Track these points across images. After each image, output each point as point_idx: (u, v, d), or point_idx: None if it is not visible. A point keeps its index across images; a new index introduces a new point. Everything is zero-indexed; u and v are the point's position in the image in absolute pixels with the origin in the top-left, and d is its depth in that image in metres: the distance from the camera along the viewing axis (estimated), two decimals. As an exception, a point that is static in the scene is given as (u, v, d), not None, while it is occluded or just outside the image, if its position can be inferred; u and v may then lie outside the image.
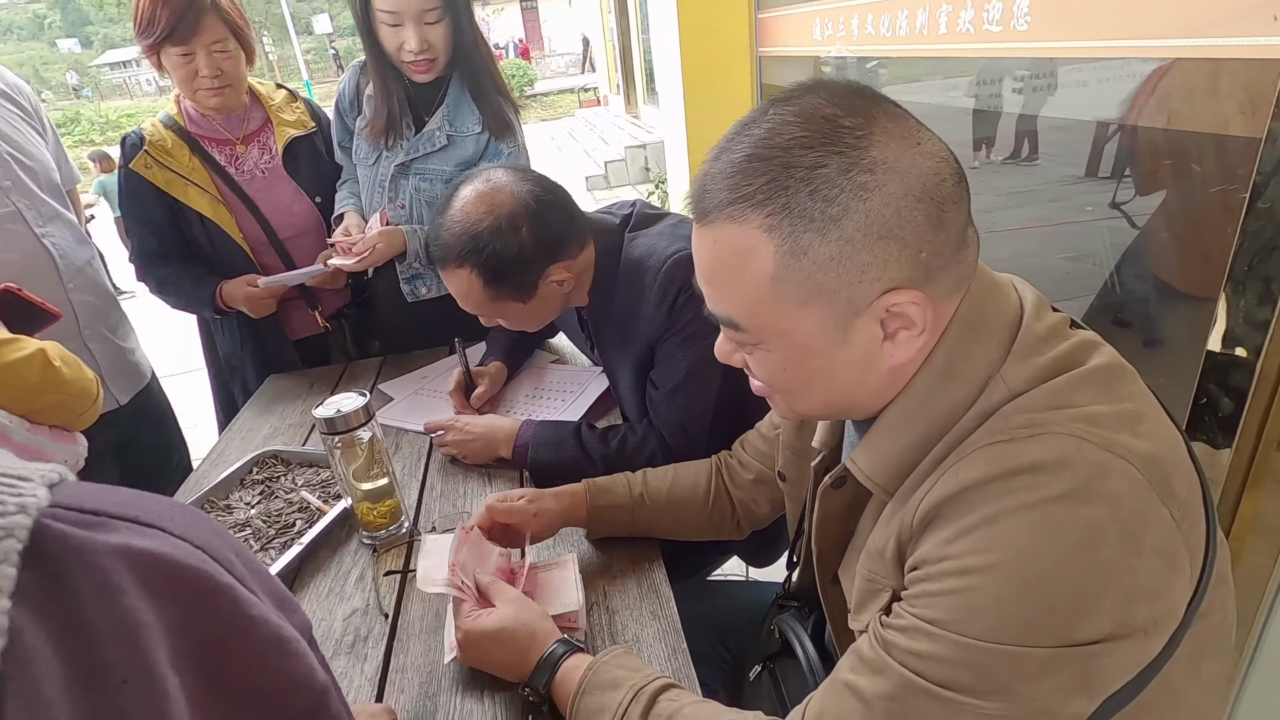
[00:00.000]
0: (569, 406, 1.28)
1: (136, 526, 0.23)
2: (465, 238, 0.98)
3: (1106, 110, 1.46)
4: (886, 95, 0.53)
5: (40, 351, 0.91)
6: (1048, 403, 0.50)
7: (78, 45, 45.92)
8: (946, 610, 0.48)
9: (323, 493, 1.11)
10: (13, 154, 1.30)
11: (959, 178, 0.52)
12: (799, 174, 0.49)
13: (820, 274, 0.51)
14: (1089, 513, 0.45)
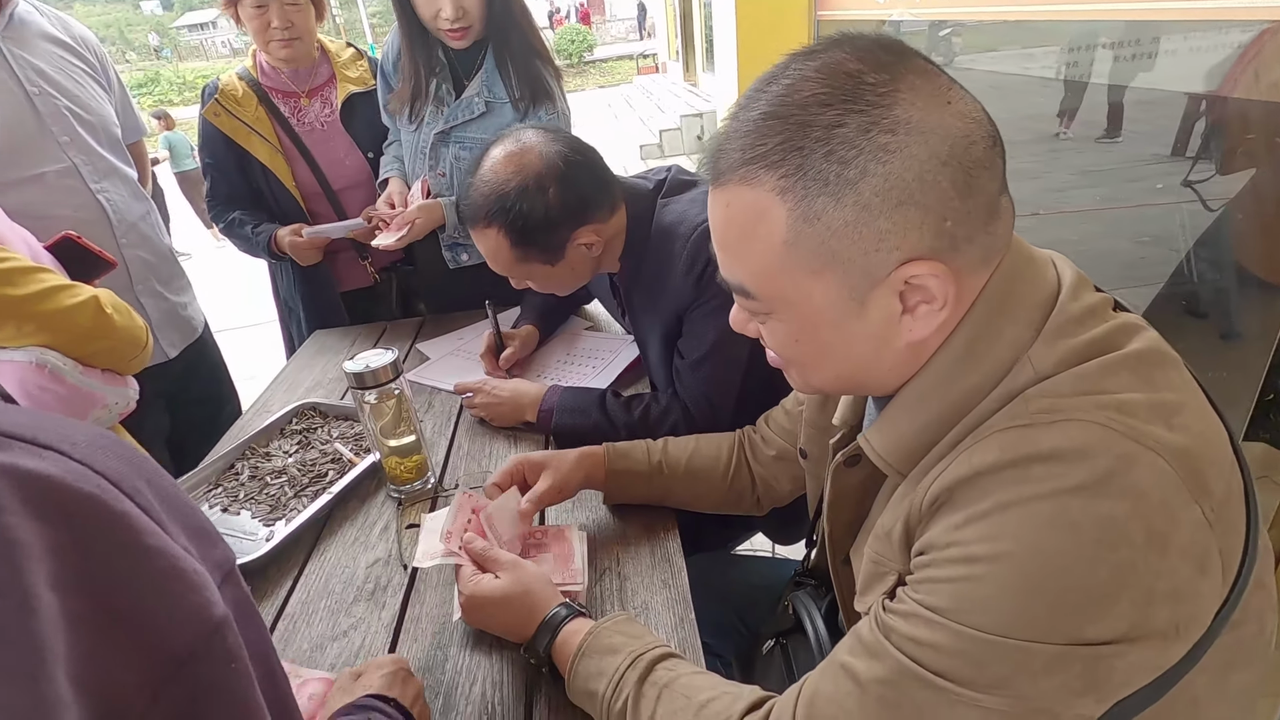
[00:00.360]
0: (598, 374, 1.28)
1: (31, 447, 0.24)
2: (493, 198, 0.98)
3: (1199, 81, 1.35)
4: (917, 51, 0.49)
5: (94, 298, 0.96)
6: (1075, 387, 0.47)
7: (159, 7, 47.63)
8: (949, 598, 0.46)
9: (355, 445, 1.15)
10: (72, 108, 1.35)
11: (992, 140, 0.48)
12: (815, 134, 0.46)
13: (834, 241, 0.48)
14: (1109, 507, 0.42)
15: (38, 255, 0.98)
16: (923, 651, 0.47)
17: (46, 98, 1.31)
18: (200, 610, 0.26)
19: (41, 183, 1.30)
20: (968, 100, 0.48)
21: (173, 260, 1.59)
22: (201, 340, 1.64)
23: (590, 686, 0.65)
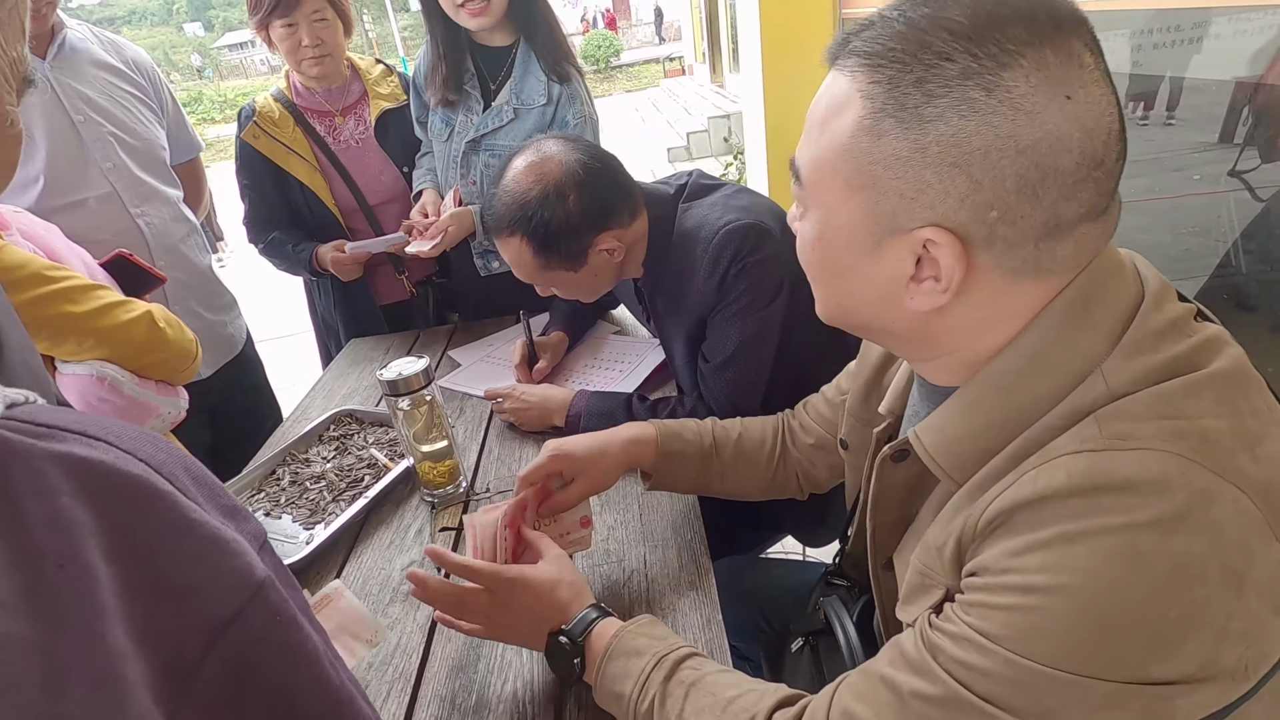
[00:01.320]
0: (625, 378, 1.30)
1: (83, 439, 0.27)
2: (515, 207, 1.00)
3: (1244, 67, 1.31)
4: (1093, 45, 0.44)
5: (148, 313, 1.01)
6: (1153, 410, 0.43)
7: (201, 29, 49.35)
8: (1003, 626, 0.44)
9: (390, 451, 1.18)
10: (117, 134, 1.41)
11: (1092, 166, 0.43)
12: (925, 57, 0.43)
13: (880, 167, 0.46)
14: (1185, 544, 0.40)
15: (94, 272, 1.04)
16: (973, 677, 0.46)
17: (92, 124, 1.37)
18: (243, 573, 0.29)
19: (83, 208, 1.36)
20: (1096, 112, 0.43)
21: (213, 279, 1.64)
22: (242, 355, 1.68)
23: (617, 689, 0.66)
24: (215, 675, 0.28)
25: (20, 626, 0.23)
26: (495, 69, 1.50)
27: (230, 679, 0.28)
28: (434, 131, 1.56)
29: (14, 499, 0.24)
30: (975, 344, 0.51)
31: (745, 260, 0.99)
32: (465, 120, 1.51)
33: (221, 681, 0.28)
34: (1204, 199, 1.63)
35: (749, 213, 1.02)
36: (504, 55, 1.48)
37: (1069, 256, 0.47)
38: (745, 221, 1.00)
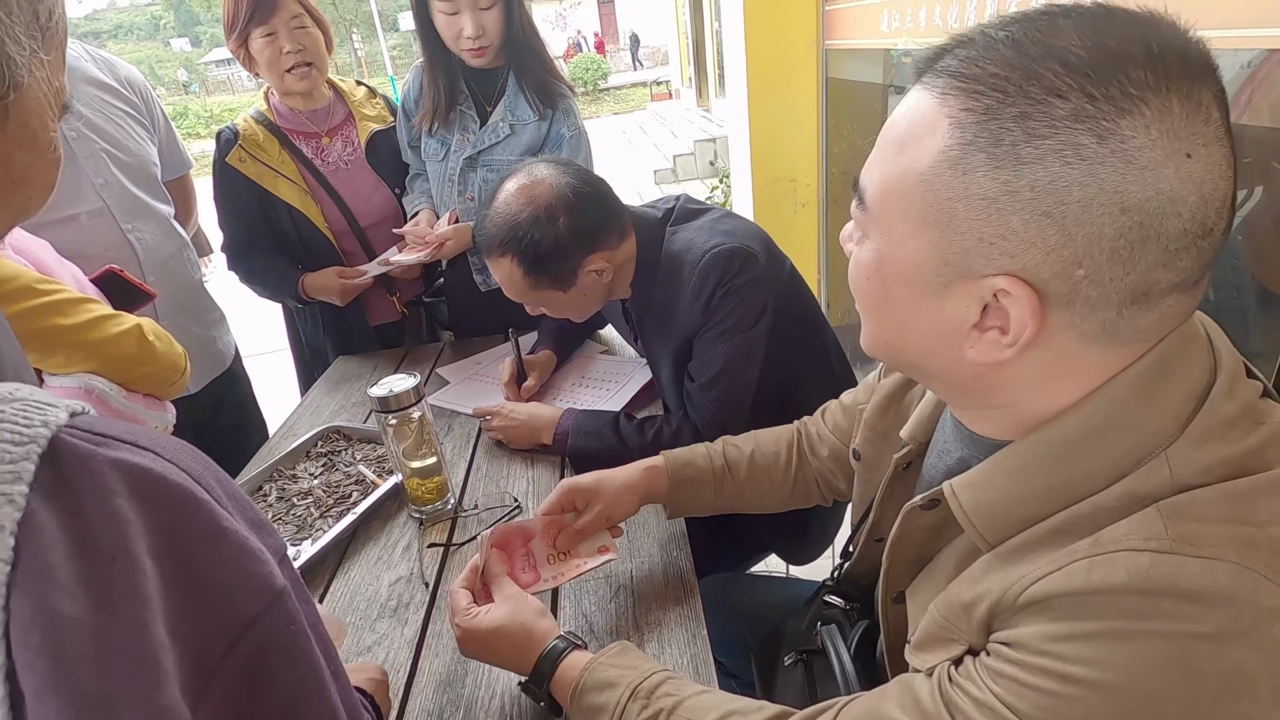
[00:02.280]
0: (612, 396, 1.32)
1: (134, 448, 0.29)
2: (506, 228, 1.03)
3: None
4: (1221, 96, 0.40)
5: (137, 326, 1.02)
6: (1221, 512, 0.41)
7: (188, 44, 49.31)
8: (1034, 707, 0.43)
9: (378, 467, 1.19)
10: (109, 150, 1.40)
11: (1200, 235, 0.40)
12: (1033, 90, 0.39)
13: (961, 205, 0.42)
14: (1239, 658, 0.38)
15: (84, 288, 1.04)
16: None
17: (85, 140, 1.37)
18: (265, 580, 0.31)
19: (75, 223, 1.35)
20: (1216, 175, 0.39)
21: (203, 294, 1.63)
22: (230, 371, 1.67)
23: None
24: (233, 675, 0.30)
25: (79, 610, 0.25)
26: (489, 89, 1.53)
27: (245, 680, 0.30)
28: (428, 153, 1.58)
29: (76, 497, 0.27)
30: (1031, 403, 0.48)
31: (731, 283, 1.02)
32: (462, 139, 1.53)
33: (238, 681, 0.30)
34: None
35: (734, 237, 1.05)
36: (496, 76, 1.52)
37: (1151, 327, 0.43)
38: (731, 245, 1.03)
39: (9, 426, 0.26)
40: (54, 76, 0.33)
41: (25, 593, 0.24)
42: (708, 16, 9.07)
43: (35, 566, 0.25)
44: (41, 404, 0.28)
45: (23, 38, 0.30)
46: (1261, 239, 1.34)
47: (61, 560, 0.25)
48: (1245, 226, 1.38)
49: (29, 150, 0.32)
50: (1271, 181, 1.24)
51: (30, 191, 0.35)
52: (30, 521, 0.25)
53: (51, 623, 0.24)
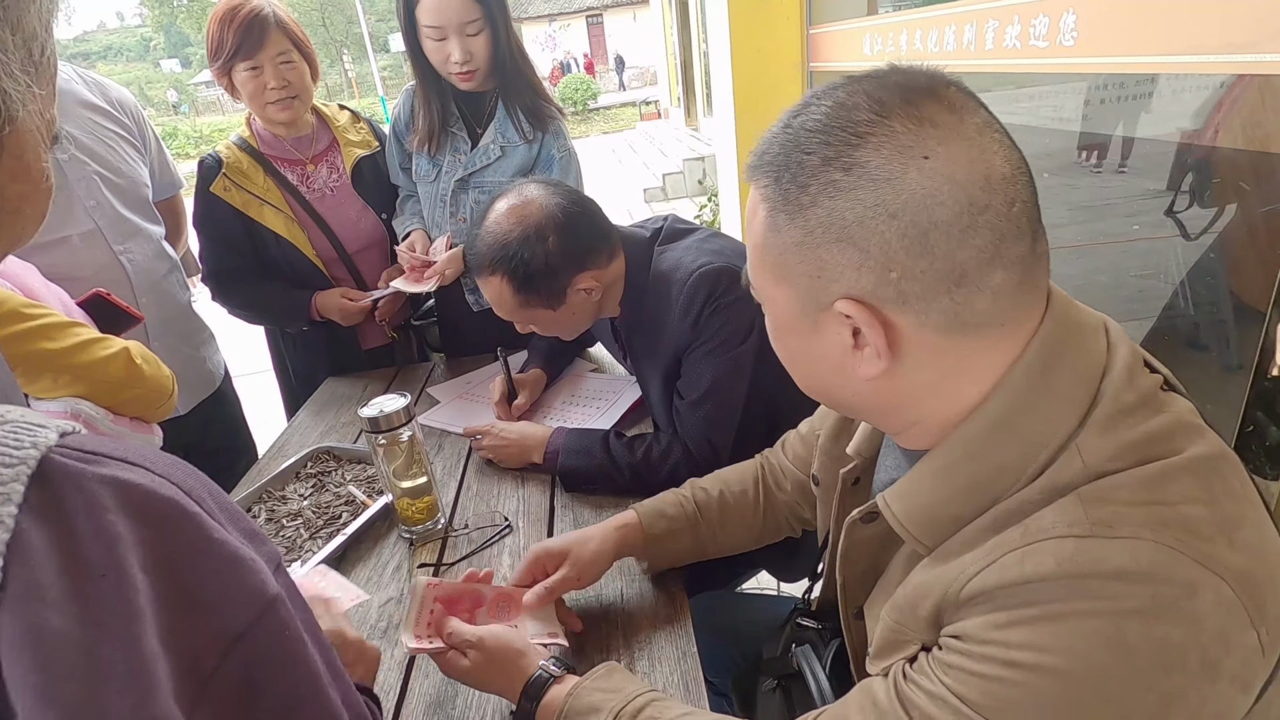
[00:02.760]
0: (602, 415, 1.32)
1: (124, 464, 0.30)
2: (496, 247, 1.04)
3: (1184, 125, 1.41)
4: (956, 105, 0.47)
5: (125, 350, 1.02)
6: (1136, 496, 0.44)
7: (178, 65, 49.38)
8: (983, 695, 0.45)
9: (368, 488, 1.19)
10: (101, 173, 1.40)
11: (975, 212, 0.45)
12: (796, 156, 0.48)
13: (787, 256, 0.51)
14: (1165, 631, 0.41)
15: (70, 311, 1.04)
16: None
17: (77, 163, 1.37)
18: (258, 589, 0.32)
19: (66, 245, 1.35)
20: (965, 162, 0.45)
21: (192, 315, 1.63)
22: (219, 392, 1.66)
23: None
24: (227, 682, 0.30)
25: (68, 625, 0.25)
26: (479, 112, 1.55)
27: (240, 687, 0.31)
28: (420, 173, 1.60)
29: (66, 515, 0.27)
30: (939, 409, 0.52)
31: (719, 301, 1.03)
32: (453, 160, 1.55)
33: (233, 689, 0.30)
34: (1155, 243, 1.73)
35: (722, 256, 1.06)
36: (486, 99, 1.54)
37: (991, 310, 0.48)
38: (718, 265, 1.04)
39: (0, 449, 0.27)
40: (46, 109, 0.34)
41: (14, 612, 0.25)
42: (695, 38, 9.21)
43: (24, 587, 0.25)
44: (31, 425, 0.28)
45: (18, 74, 0.31)
46: (1237, 255, 1.37)
47: (51, 578, 0.26)
48: (1221, 243, 1.42)
49: (23, 181, 0.33)
50: (1244, 200, 1.27)
51: (24, 221, 0.36)
52: (19, 541, 0.26)
53: (41, 639, 0.25)
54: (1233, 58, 0.96)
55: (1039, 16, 1.28)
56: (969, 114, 0.47)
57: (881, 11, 2.27)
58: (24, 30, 0.31)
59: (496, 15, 1.43)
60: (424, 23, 1.41)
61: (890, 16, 1.98)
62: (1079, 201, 2.12)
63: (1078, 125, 1.70)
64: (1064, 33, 1.23)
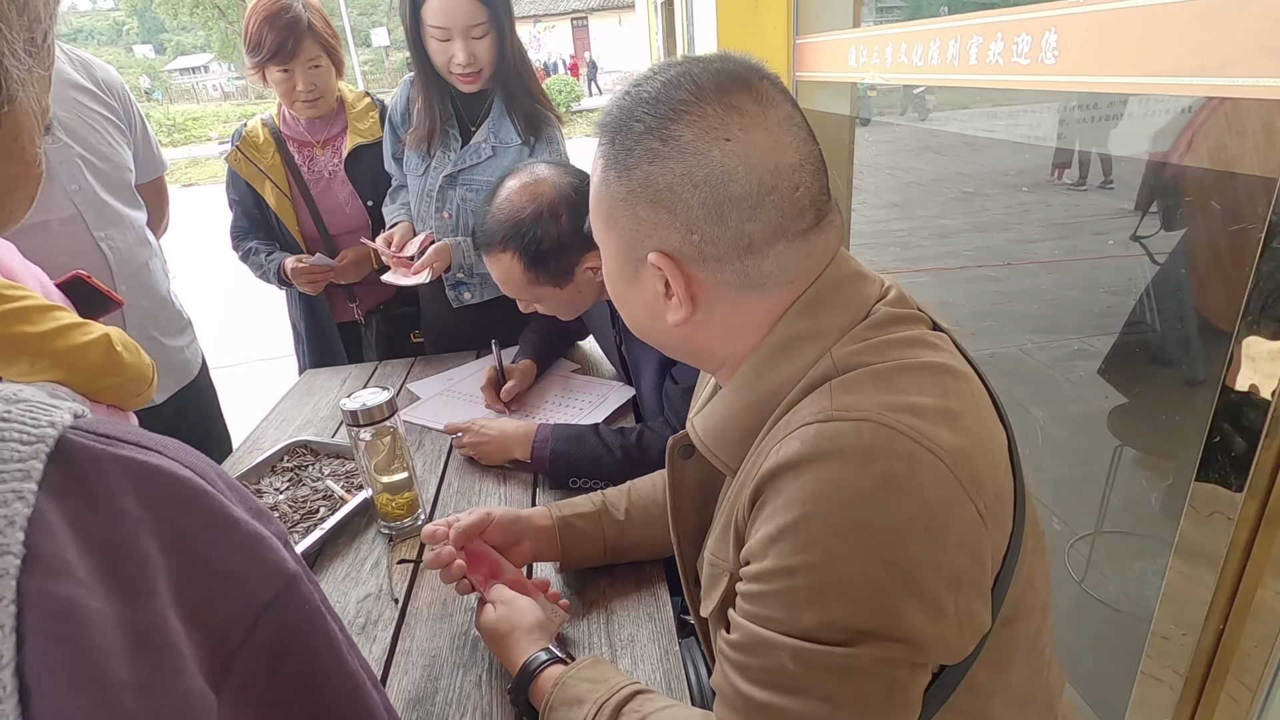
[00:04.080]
0: (587, 414, 1.32)
1: (138, 447, 0.30)
2: (508, 224, 1.05)
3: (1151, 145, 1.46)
4: (763, 97, 0.54)
5: (105, 336, 0.99)
6: (875, 385, 0.51)
7: (152, 51, 48.32)
8: (779, 609, 0.50)
9: (346, 482, 1.17)
10: (85, 156, 1.37)
11: (764, 193, 0.53)
12: (628, 122, 0.55)
13: (615, 208, 0.57)
14: (898, 507, 0.47)
15: (49, 292, 1.01)
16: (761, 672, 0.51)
17: (60, 147, 1.33)
18: (278, 565, 0.32)
19: (45, 229, 1.31)
20: (760, 149, 0.52)
21: (171, 304, 1.60)
22: (195, 383, 1.64)
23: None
24: (252, 657, 0.30)
25: (100, 603, 0.25)
26: (474, 111, 1.55)
27: (265, 661, 0.31)
28: (410, 166, 1.59)
29: (85, 495, 0.27)
30: (738, 348, 0.60)
31: None
32: (443, 156, 1.54)
33: (258, 663, 0.31)
34: (1125, 260, 1.78)
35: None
36: (482, 99, 1.53)
37: (775, 272, 0.55)
38: None
39: (16, 426, 0.26)
40: (43, 95, 0.34)
41: (44, 587, 0.24)
42: (680, 44, 9.26)
43: (52, 562, 0.25)
44: (46, 405, 0.28)
45: (21, 54, 0.30)
46: (1202, 274, 1.41)
47: (75, 557, 0.25)
48: (1187, 261, 1.46)
49: (16, 164, 0.33)
50: (1210, 219, 1.32)
51: (13, 205, 0.36)
52: (41, 518, 0.25)
53: (76, 613, 0.25)
54: (1205, 80, 0.99)
55: (1022, 34, 1.32)
56: (774, 107, 0.54)
57: (865, 24, 2.31)
58: (30, 12, 0.30)
59: (503, 19, 1.43)
60: (430, 23, 1.40)
61: (876, 29, 2.02)
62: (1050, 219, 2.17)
63: (1053, 142, 1.74)
64: (1045, 51, 1.26)
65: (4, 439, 0.26)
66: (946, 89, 1.87)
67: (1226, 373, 0.93)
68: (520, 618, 0.78)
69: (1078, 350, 1.96)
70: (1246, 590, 0.96)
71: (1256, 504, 0.92)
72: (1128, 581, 1.57)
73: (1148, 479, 1.54)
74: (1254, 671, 0.97)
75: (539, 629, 0.77)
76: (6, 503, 0.24)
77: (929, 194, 3.09)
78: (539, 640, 0.76)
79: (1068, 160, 1.94)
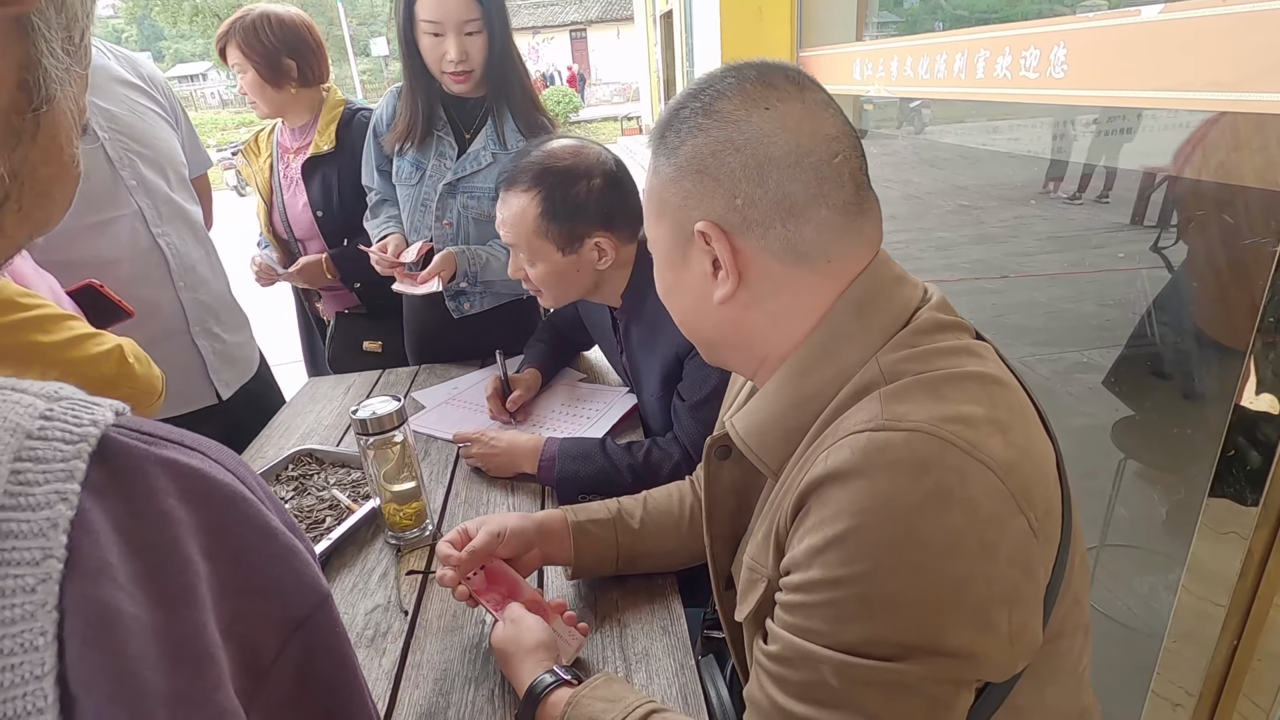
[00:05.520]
0: (594, 424, 1.31)
1: (182, 448, 0.29)
2: (544, 167, 1.07)
3: (1152, 158, 1.47)
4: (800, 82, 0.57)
5: (118, 347, 0.98)
6: (925, 394, 0.51)
7: (150, 59, 48.35)
8: (823, 620, 0.49)
9: (352, 492, 1.16)
10: (141, 151, 1.37)
11: (801, 154, 0.55)
12: (676, 115, 0.59)
13: (665, 191, 0.60)
14: (950, 520, 0.46)
15: (60, 300, 1.00)
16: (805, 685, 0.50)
17: (117, 142, 1.33)
18: (313, 582, 0.31)
19: (108, 228, 1.31)
20: (796, 117, 0.55)
21: (230, 301, 1.61)
22: (258, 378, 1.65)
23: None
24: (284, 675, 0.29)
25: (138, 609, 0.24)
26: (469, 119, 1.54)
27: (293, 684, 0.30)
28: (400, 176, 1.57)
29: (127, 496, 0.26)
30: (781, 342, 0.60)
31: None
32: (439, 165, 1.53)
33: (286, 686, 0.30)
34: (1122, 274, 1.79)
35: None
36: (478, 106, 1.53)
37: (817, 241, 0.56)
38: None
39: (59, 425, 0.25)
40: (80, 95, 0.34)
41: (84, 590, 0.23)
42: (679, 56, 9.31)
43: (93, 564, 0.24)
44: (88, 402, 0.27)
45: (59, 52, 0.30)
46: (1204, 290, 1.42)
47: (117, 559, 0.25)
48: (1189, 278, 1.47)
49: (55, 164, 0.32)
50: (1209, 235, 1.32)
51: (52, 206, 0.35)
52: (83, 519, 0.24)
53: (116, 620, 0.24)
54: (1216, 95, 1.00)
55: (1030, 48, 1.32)
56: (810, 91, 0.58)
57: (867, 37, 2.32)
58: (68, 10, 0.30)
59: (495, 20, 1.43)
60: (422, 17, 1.40)
61: (881, 42, 2.03)
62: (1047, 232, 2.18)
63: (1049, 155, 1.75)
64: (1054, 65, 1.27)
65: (47, 438, 0.25)
66: (943, 104, 1.88)
67: (1241, 386, 0.93)
68: (525, 637, 0.76)
69: (1077, 363, 1.97)
70: (1260, 607, 0.95)
71: (1271, 520, 0.92)
72: (1134, 597, 1.56)
73: (1153, 493, 1.54)
74: (1267, 690, 0.96)
75: (543, 649, 0.75)
76: (50, 504, 0.24)
77: (927, 206, 3.10)
78: (543, 661, 0.73)
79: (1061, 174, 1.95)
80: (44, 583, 0.23)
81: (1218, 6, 0.94)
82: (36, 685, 0.22)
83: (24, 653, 0.22)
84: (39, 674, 0.22)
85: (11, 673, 0.22)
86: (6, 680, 0.21)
